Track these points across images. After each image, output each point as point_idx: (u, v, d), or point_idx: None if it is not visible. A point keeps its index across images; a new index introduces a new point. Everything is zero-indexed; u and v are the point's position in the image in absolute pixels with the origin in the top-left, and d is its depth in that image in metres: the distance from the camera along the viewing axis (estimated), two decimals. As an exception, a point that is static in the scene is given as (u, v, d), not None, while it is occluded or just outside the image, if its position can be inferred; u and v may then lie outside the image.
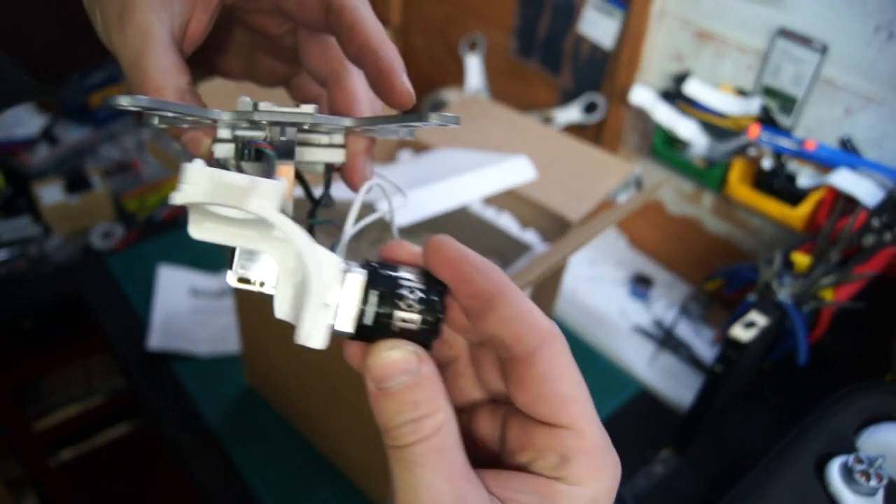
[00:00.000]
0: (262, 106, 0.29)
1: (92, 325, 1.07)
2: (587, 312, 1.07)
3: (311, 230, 0.31)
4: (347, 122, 0.31)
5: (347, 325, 0.25)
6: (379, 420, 0.23)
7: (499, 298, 0.24)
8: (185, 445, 0.86)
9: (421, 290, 0.25)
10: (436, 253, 0.25)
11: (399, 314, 0.25)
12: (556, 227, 0.83)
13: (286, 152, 0.29)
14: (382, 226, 0.64)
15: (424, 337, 0.25)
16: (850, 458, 0.52)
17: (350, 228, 0.29)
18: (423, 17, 1.47)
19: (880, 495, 0.51)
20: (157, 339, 0.98)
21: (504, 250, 0.85)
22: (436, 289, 0.26)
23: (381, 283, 0.25)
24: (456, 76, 1.37)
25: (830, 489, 0.52)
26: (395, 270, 0.26)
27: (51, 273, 1.11)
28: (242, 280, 0.26)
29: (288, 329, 0.26)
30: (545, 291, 0.87)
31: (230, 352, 0.97)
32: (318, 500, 0.80)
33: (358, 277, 0.25)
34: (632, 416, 0.93)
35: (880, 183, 0.82)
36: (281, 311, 0.26)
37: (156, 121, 0.28)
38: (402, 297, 0.25)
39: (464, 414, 0.28)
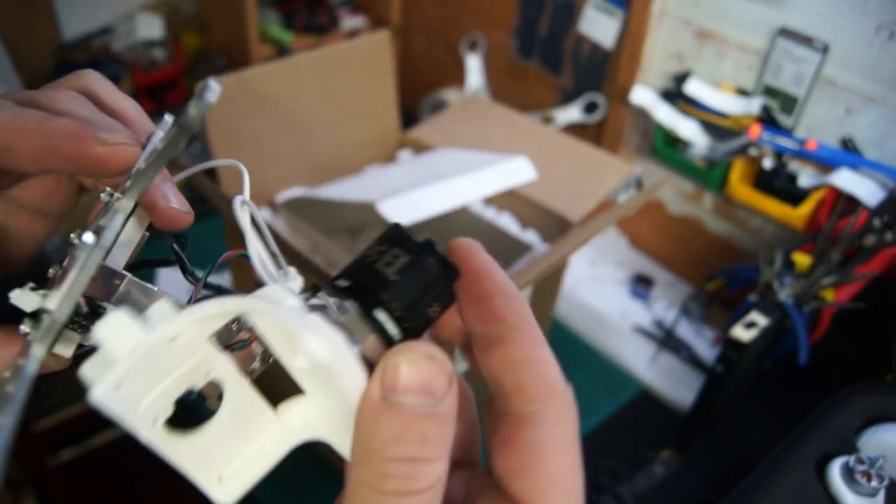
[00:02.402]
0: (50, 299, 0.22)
1: (92, 326, 1.07)
2: (587, 312, 1.07)
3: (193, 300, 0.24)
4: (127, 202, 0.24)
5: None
6: (363, 438, 0.17)
7: (514, 334, 0.20)
8: (184, 446, 0.86)
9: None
10: (460, 257, 0.21)
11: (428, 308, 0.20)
12: (556, 227, 0.83)
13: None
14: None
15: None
16: (851, 459, 0.52)
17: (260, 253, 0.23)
18: (423, 17, 1.47)
19: (881, 496, 0.51)
20: (156, 340, 0.98)
21: (504, 250, 0.85)
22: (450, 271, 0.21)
23: (397, 296, 0.20)
24: (456, 76, 1.37)
25: (831, 490, 0.52)
26: (376, 262, 0.20)
27: (50, 273, 1.11)
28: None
29: None
30: (545, 291, 0.86)
31: (230, 352, 0.97)
32: (318, 500, 0.80)
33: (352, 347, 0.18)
34: (632, 417, 0.93)
35: (881, 183, 0.82)
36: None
37: None
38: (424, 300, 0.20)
39: None
